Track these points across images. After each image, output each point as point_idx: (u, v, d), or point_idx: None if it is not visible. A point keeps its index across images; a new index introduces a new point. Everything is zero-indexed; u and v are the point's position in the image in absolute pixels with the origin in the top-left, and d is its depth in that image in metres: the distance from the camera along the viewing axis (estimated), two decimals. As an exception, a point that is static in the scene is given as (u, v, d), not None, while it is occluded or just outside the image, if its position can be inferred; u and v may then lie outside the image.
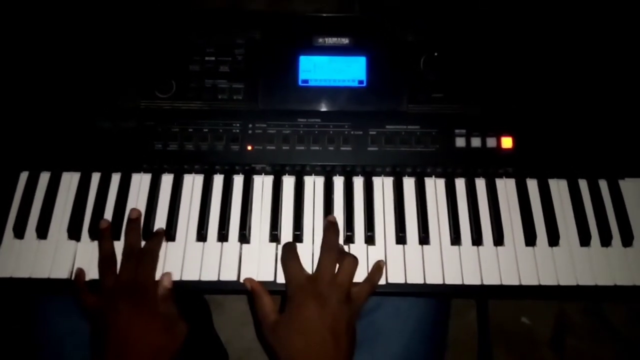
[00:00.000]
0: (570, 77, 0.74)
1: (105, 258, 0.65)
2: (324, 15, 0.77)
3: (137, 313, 0.60)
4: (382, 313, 0.70)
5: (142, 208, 0.70)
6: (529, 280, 0.67)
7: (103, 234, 0.67)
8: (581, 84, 0.74)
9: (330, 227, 0.67)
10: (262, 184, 0.73)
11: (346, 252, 0.66)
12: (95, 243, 0.68)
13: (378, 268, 0.66)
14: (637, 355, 1.21)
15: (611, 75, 0.75)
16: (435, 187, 0.72)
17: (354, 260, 0.65)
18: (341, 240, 0.68)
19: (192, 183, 0.72)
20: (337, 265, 0.64)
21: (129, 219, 0.68)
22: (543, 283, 0.66)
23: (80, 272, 0.66)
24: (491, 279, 0.67)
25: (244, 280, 0.66)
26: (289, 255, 0.66)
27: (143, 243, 0.67)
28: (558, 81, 0.74)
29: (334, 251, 0.65)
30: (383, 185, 0.73)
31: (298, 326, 0.60)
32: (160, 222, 0.70)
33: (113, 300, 0.61)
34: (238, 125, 0.72)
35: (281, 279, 0.66)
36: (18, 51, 0.75)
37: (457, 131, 0.72)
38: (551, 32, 0.76)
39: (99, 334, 0.61)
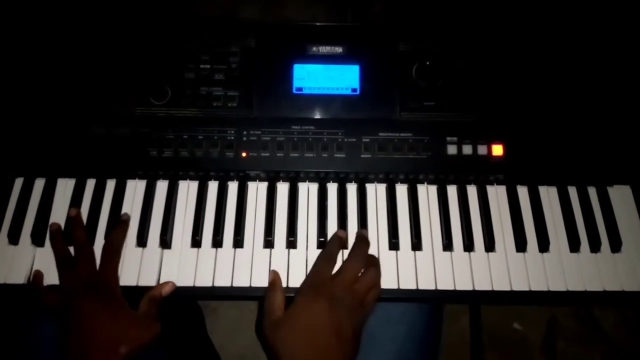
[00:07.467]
0: (561, 86, 0.76)
1: (61, 258, 0.66)
2: (318, 24, 0.77)
3: (99, 308, 0.60)
4: (374, 319, 0.70)
5: (137, 214, 0.71)
6: (519, 285, 0.67)
7: (54, 236, 0.68)
8: (571, 93, 0.75)
9: (361, 239, 0.67)
10: (257, 190, 0.73)
11: (372, 265, 0.65)
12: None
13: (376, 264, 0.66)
14: (626, 360, 1.23)
15: (601, 85, 0.76)
16: (427, 193, 0.73)
17: (377, 272, 0.64)
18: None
19: (187, 189, 0.73)
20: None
21: (69, 218, 0.69)
22: (534, 289, 0.67)
23: (38, 274, 0.66)
24: (482, 285, 0.67)
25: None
26: (327, 255, 0.65)
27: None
28: (548, 90, 0.75)
29: (360, 261, 0.64)
30: (376, 192, 0.73)
31: (304, 324, 0.58)
32: (154, 228, 0.70)
33: (75, 297, 0.61)
34: (233, 132, 0.73)
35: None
36: (13, 58, 0.76)
37: (448, 139, 0.73)
38: (542, 42, 0.77)
39: (62, 331, 0.61)
